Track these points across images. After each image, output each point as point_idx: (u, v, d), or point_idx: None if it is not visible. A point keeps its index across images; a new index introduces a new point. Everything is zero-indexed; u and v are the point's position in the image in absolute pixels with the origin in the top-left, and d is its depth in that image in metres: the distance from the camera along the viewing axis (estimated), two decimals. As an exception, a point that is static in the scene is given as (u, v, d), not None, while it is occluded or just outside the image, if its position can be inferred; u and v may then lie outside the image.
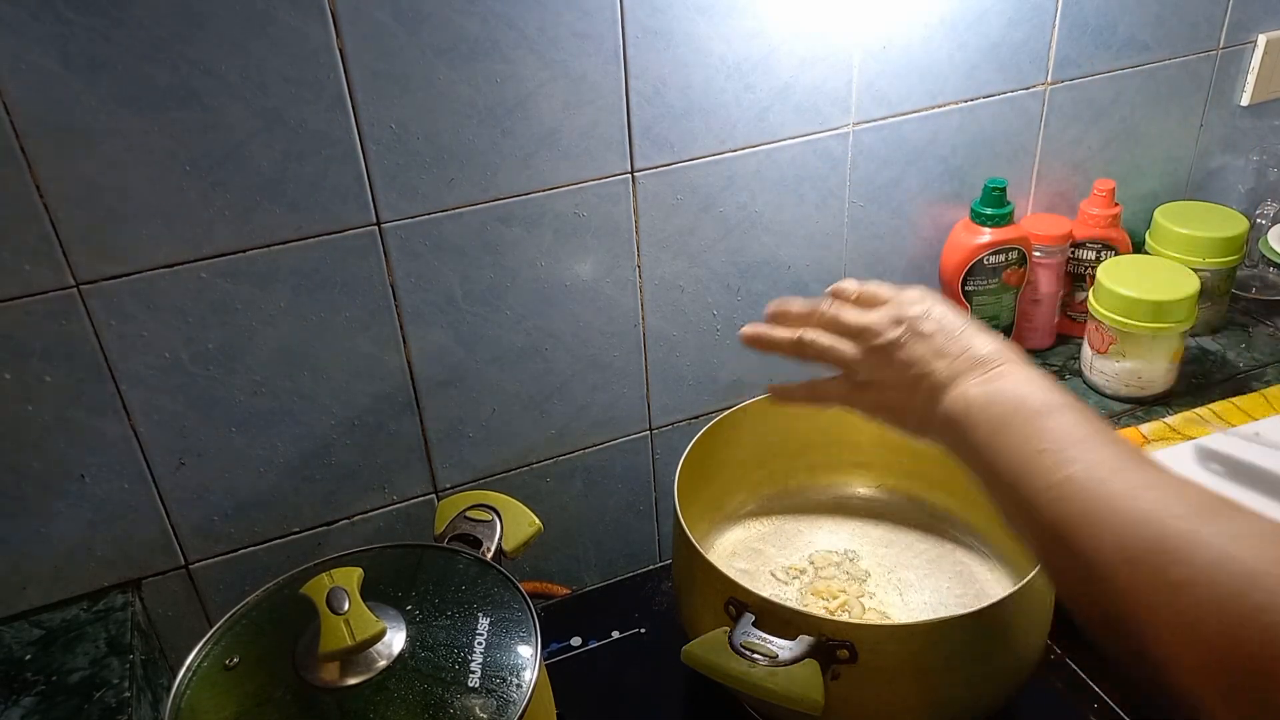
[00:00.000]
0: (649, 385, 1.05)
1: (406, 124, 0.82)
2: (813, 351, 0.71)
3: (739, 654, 0.67)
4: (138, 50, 0.72)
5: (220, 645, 0.70)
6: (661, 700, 0.88)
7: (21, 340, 0.78)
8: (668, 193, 0.95)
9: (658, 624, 0.94)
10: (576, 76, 0.86)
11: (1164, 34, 1.11)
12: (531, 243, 0.92)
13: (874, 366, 0.67)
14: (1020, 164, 1.12)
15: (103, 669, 0.82)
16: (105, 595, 0.90)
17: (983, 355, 0.62)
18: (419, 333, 0.92)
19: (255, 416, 0.89)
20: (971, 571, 0.89)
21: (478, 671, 0.66)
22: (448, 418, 0.97)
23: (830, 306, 0.71)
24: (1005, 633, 0.73)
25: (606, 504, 1.11)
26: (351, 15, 0.77)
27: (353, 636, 0.64)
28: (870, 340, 0.67)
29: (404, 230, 0.87)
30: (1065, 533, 0.51)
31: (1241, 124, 1.23)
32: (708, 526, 0.93)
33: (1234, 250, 1.12)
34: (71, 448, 0.84)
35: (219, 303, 0.83)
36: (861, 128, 1.00)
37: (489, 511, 0.82)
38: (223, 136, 0.77)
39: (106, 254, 0.78)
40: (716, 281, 1.02)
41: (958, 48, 1.01)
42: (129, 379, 0.83)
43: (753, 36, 0.91)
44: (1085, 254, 1.14)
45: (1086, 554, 0.49)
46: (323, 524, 0.97)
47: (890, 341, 0.66)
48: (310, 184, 0.82)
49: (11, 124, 0.71)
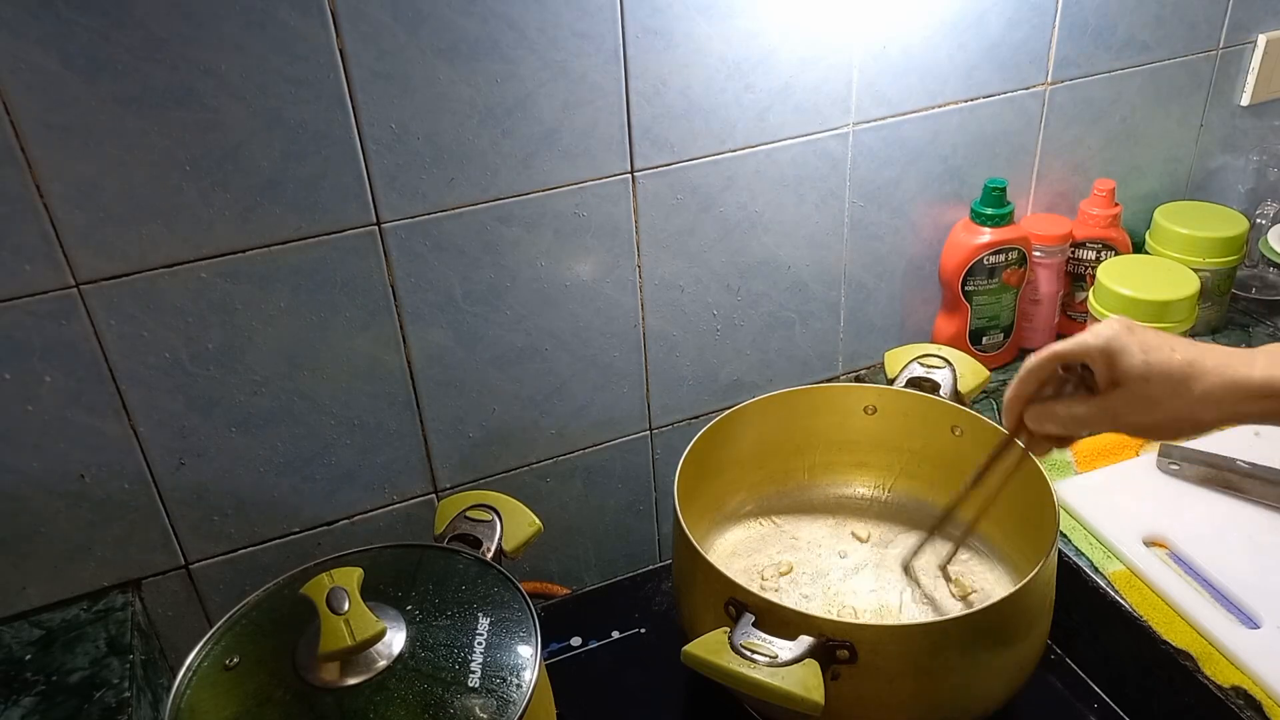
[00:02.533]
0: (649, 385, 1.05)
1: (406, 124, 0.82)
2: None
3: (739, 654, 0.67)
4: (138, 50, 0.72)
5: (220, 645, 0.70)
6: (661, 700, 0.88)
7: (21, 340, 0.78)
8: (668, 193, 0.95)
9: (658, 624, 0.94)
10: (576, 76, 0.86)
11: (1164, 34, 1.11)
12: (531, 243, 0.92)
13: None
14: (1020, 164, 1.12)
15: (103, 669, 0.82)
16: (105, 595, 0.90)
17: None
18: (419, 333, 0.92)
19: (255, 416, 0.89)
20: (971, 571, 0.89)
21: (478, 671, 0.66)
22: (448, 418, 0.97)
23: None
24: (1005, 633, 0.73)
25: (606, 504, 1.11)
26: (351, 15, 0.77)
27: (353, 636, 0.64)
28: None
29: (404, 230, 0.87)
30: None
31: (1241, 124, 1.23)
32: (708, 526, 0.93)
33: (1234, 250, 1.12)
34: (71, 448, 0.84)
35: (219, 303, 0.83)
36: (861, 128, 1.00)
37: (489, 511, 0.82)
38: (223, 136, 0.77)
39: (106, 254, 0.78)
40: (716, 281, 1.02)
41: (958, 48, 1.01)
42: (129, 379, 0.83)
43: (753, 36, 0.91)
44: (1085, 254, 1.14)
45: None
46: (323, 524, 0.97)
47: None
48: (310, 184, 0.82)
49: (11, 124, 0.71)
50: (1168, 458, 0.94)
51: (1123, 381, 0.66)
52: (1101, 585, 0.85)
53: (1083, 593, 0.86)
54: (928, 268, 1.12)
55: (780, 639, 0.68)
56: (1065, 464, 0.98)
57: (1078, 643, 0.88)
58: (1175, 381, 0.65)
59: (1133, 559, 0.86)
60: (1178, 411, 0.65)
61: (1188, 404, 0.65)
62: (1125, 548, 0.87)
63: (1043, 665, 0.83)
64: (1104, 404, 0.68)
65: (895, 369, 0.95)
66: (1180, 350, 0.65)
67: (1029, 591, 0.71)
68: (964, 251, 1.08)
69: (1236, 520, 0.89)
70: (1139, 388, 0.66)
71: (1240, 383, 0.63)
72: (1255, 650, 0.77)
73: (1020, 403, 0.73)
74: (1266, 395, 0.63)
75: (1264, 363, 0.64)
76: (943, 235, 1.11)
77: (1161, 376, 0.65)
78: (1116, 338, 0.66)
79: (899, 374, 0.94)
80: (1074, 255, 1.15)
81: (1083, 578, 0.86)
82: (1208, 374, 0.64)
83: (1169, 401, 0.65)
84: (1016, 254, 1.09)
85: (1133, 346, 0.66)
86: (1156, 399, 0.65)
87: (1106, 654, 0.86)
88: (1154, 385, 0.65)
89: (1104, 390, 0.68)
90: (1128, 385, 0.66)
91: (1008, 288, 1.11)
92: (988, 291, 1.10)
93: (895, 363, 0.95)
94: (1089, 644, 0.87)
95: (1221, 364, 0.64)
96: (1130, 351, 0.66)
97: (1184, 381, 0.64)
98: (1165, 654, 0.79)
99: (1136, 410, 0.66)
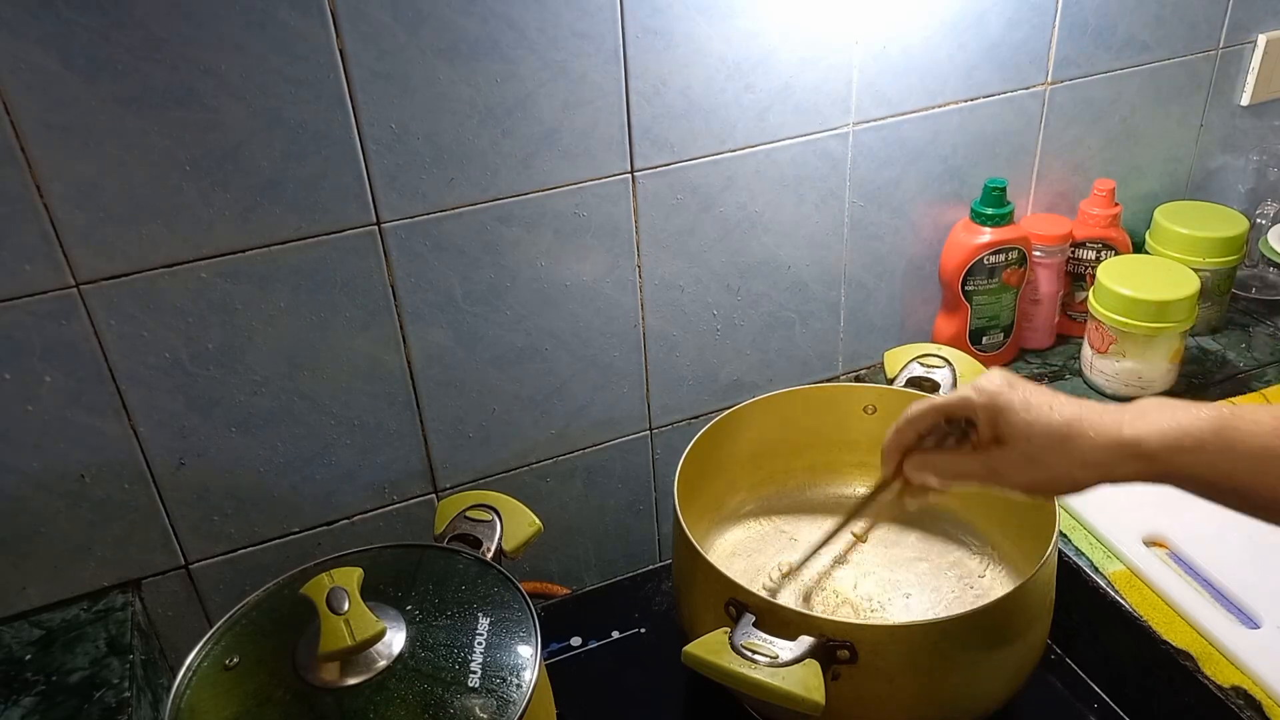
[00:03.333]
0: (649, 385, 1.05)
1: (406, 124, 0.82)
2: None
3: (739, 654, 0.67)
4: (138, 50, 0.72)
5: (220, 645, 0.70)
6: (661, 700, 0.88)
7: (21, 340, 0.78)
8: (668, 193, 0.95)
9: (658, 624, 0.94)
10: (576, 76, 0.86)
11: (1164, 34, 1.11)
12: (531, 243, 0.92)
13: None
14: (1020, 164, 1.12)
15: (103, 669, 0.82)
16: (105, 595, 0.90)
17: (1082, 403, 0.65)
18: (419, 333, 0.92)
19: (255, 416, 0.89)
20: (971, 571, 0.89)
21: (478, 671, 0.66)
22: (448, 418, 0.97)
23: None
24: (1005, 633, 0.73)
25: (606, 504, 1.11)
26: (351, 15, 0.77)
27: (353, 636, 0.64)
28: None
29: (404, 230, 0.87)
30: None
31: (1241, 124, 1.23)
32: (708, 526, 0.93)
33: (1234, 250, 1.12)
34: (71, 448, 0.84)
35: (219, 303, 0.83)
36: (861, 128, 1.00)
37: (489, 511, 0.82)
38: (223, 136, 0.77)
39: (106, 254, 0.78)
40: (716, 281, 1.02)
41: (958, 48, 1.01)
42: (129, 379, 0.83)
43: (753, 36, 0.91)
44: (1085, 254, 1.14)
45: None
46: (323, 524, 0.97)
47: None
48: (310, 184, 0.82)
49: (11, 124, 0.71)
50: None
51: (1004, 439, 0.66)
52: (1101, 585, 0.85)
53: (1083, 593, 0.86)
54: (928, 268, 1.12)
55: (781, 639, 0.68)
56: (1065, 464, 0.98)
57: (1078, 643, 0.88)
58: (1056, 441, 0.64)
59: (1133, 559, 0.86)
60: (1056, 470, 0.64)
61: (1066, 464, 0.64)
62: (1125, 548, 0.87)
63: (1043, 665, 0.83)
64: (985, 459, 0.67)
65: (895, 369, 0.95)
66: (1059, 409, 0.64)
67: (1029, 591, 0.72)
68: (964, 251, 1.08)
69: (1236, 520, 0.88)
70: (1020, 445, 0.65)
71: (1113, 443, 0.62)
72: (1255, 650, 0.77)
73: (898, 451, 0.73)
74: (1135, 456, 0.62)
75: (1129, 419, 0.62)
76: (943, 235, 1.11)
77: (1042, 435, 0.64)
78: (1000, 394, 0.66)
79: (899, 374, 0.94)
80: (1074, 255, 1.15)
81: (1083, 578, 0.86)
82: (1085, 435, 0.63)
83: (1049, 460, 0.64)
84: (1016, 254, 1.09)
85: (1015, 403, 0.65)
86: (1036, 457, 0.65)
87: (1106, 654, 0.86)
88: (1035, 444, 0.64)
89: (985, 445, 0.67)
90: (1010, 443, 0.66)
91: (1008, 288, 1.11)
92: (988, 291, 1.10)
93: (895, 363, 0.96)
94: (1089, 644, 0.87)
95: (1098, 424, 0.63)
96: (1013, 408, 0.65)
97: (1064, 441, 0.63)
98: (1165, 654, 0.79)
99: (1016, 468, 0.66)
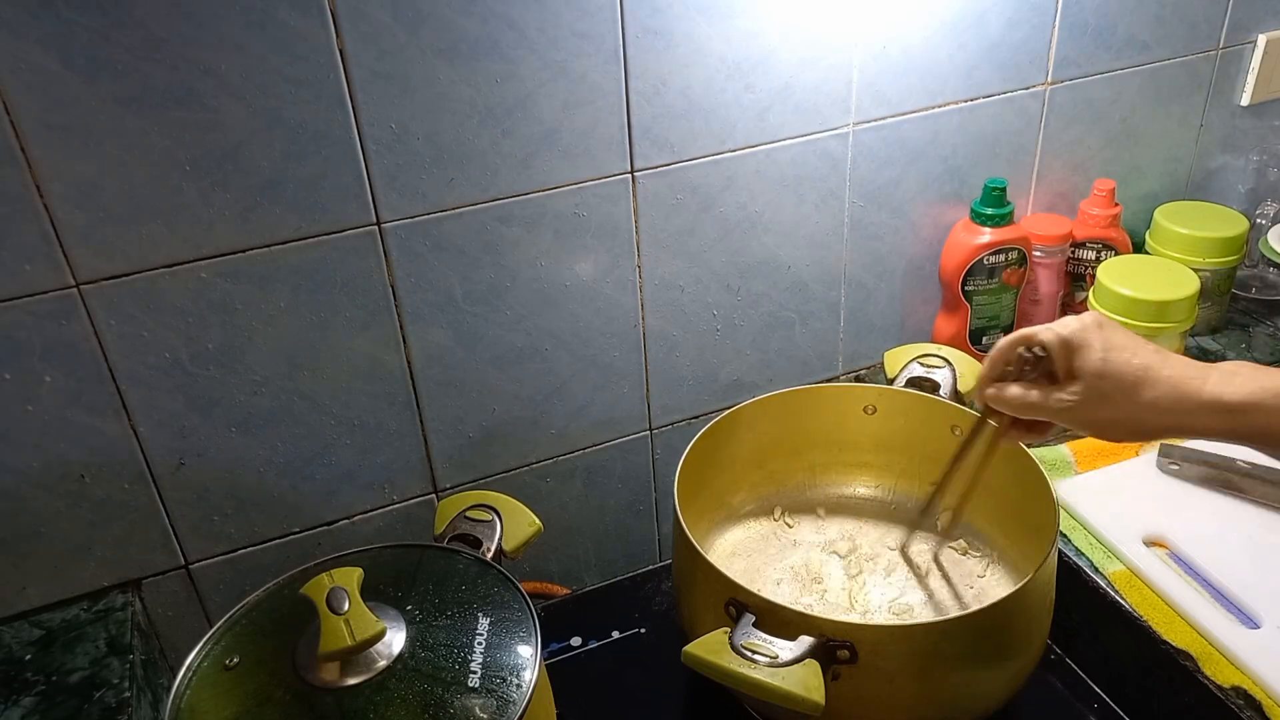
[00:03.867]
0: (649, 385, 1.05)
1: (406, 124, 0.82)
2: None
3: (739, 654, 0.67)
4: (138, 50, 0.72)
5: (220, 645, 0.70)
6: (661, 700, 0.88)
7: (21, 340, 0.78)
8: (668, 193, 0.95)
9: (658, 624, 0.94)
10: (576, 76, 0.86)
11: (1164, 34, 1.11)
12: (531, 243, 0.92)
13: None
14: (1020, 164, 1.12)
15: (103, 669, 0.82)
16: (105, 595, 0.90)
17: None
18: (419, 333, 0.92)
19: (255, 416, 0.89)
20: (971, 571, 0.89)
21: (478, 671, 0.66)
22: (448, 418, 0.97)
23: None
24: (1005, 633, 0.73)
25: (606, 504, 1.11)
26: (351, 15, 0.77)
27: (353, 636, 0.64)
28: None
29: (404, 230, 0.87)
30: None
31: (1241, 124, 1.23)
32: (708, 526, 0.93)
33: (1234, 250, 1.12)
34: (71, 448, 0.84)
35: (219, 303, 0.83)
36: (861, 128, 1.00)
37: (489, 511, 0.82)
38: (223, 136, 0.77)
39: (106, 254, 0.78)
40: (716, 281, 1.02)
41: (958, 48, 1.01)
42: (129, 379, 0.83)
43: (753, 36, 0.91)
44: (1085, 254, 1.14)
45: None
46: (323, 524, 0.97)
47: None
48: (310, 184, 0.82)
49: (11, 124, 0.71)
50: (1168, 458, 0.94)
51: (1078, 375, 0.68)
52: (1101, 585, 0.85)
53: (1083, 593, 0.86)
54: (928, 268, 1.12)
55: (781, 639, 0.68)
56: (1065, 464, 0.98)
57: (1078, 643, 0.88)
58: (1127, 384, 0.66)
59: (1133, 559, 0.86)
60: (1125, 413, 0.66)
61: (1136, 408, 0.66)
62: (1125, 548, 0.87)
63: (1043, 665, 0.83)
64: (1058, 393, 0.69)
65: (895, 369, 0.95)
66: (1140, 355, 0.66)
67: (1029, 591, 0.71)
68: (964, 251, 1.08)
69: (1236, 520, 0.89)
70: (1092, 384, 0.67)
71: (1190, 396, 0.64)
72: (1255, 650, 0.77)
73: (987, 383, 0.74)
74: (1214, 411, 0.64)
75: (1215, 379, 0.65)
76: (943, 235, 1.11)
77: (1115, 375, 0.66)
78: (1082, 331, 0.68)
79: (899, 374, 0.94)
80: (1074, 255, 1.15)
81: (1083, 578, 0.86)
82: (1160, 382, 0.65)
83: (1118, 402, 0.66)
84: (1016, 254, 1.09)
85: (1095, 343, 0.67)
86: (1108, 396, 0.66)
87: (1106, 654, 0.86)
88: (1106, 384, 0.66)
89: (1062, 381, 0.69)
90: (1082, 379, 0.67)
91: (1008, 288, 1.11)
92: (988, 291, 1.10)
93: (895, 363, 0.96)
94: (1089, 644, 0.87)
95: (1176, 375, 0.65)
96: (1091, 347, 0.67)
97: (1136, 386, 0.65)
98: (1165, 654, 0.79)
99: (1087, 405, 0.68)
